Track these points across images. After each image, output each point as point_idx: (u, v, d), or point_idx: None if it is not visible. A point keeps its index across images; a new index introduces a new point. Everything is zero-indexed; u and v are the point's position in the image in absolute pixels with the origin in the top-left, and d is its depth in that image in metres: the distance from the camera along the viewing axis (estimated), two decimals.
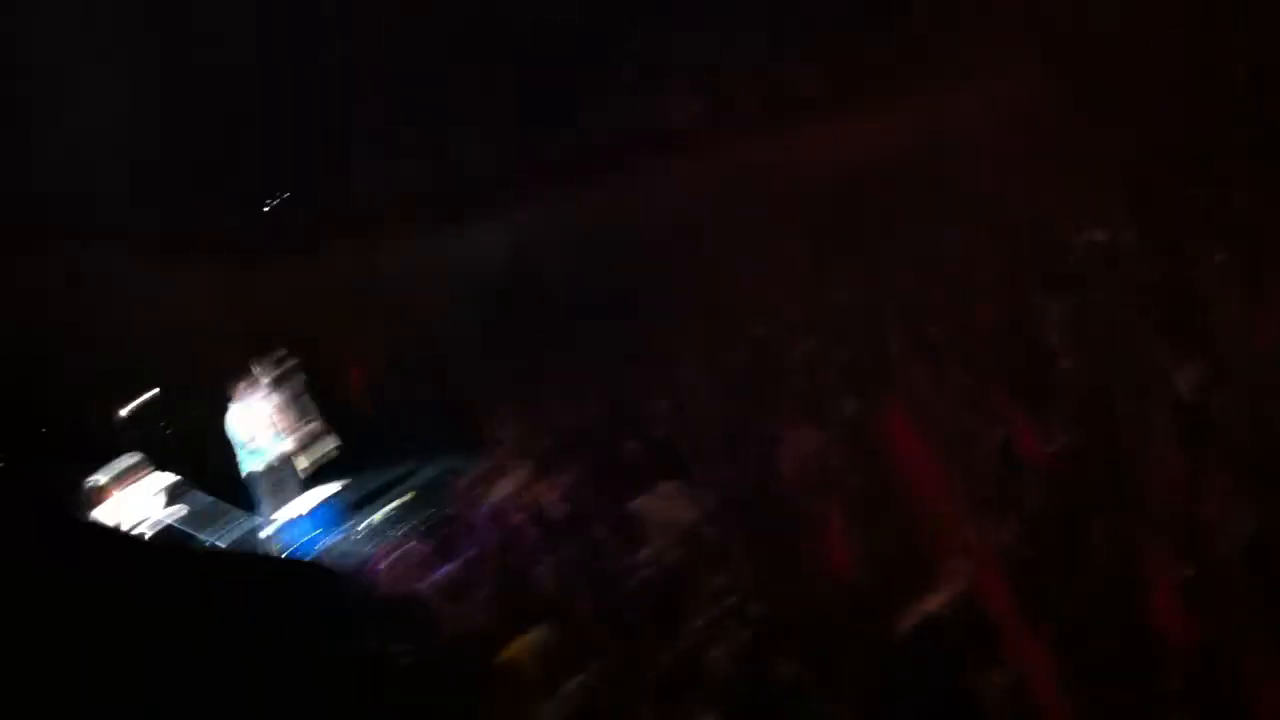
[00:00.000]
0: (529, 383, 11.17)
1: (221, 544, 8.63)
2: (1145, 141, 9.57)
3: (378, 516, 10.92)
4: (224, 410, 10.59)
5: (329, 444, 11.11)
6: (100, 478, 8.46)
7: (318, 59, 13.20)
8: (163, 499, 8.31)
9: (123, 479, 8.49)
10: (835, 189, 11.26)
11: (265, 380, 10.59)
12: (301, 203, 13.58)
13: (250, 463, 10.64)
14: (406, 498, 11.02)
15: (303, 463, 10.61)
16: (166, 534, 8.33)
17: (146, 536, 8.25)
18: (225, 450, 10.66)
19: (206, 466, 11.05)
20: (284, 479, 10.75)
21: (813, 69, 12.65)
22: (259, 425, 10.56)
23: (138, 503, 8.43)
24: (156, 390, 12.09)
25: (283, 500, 10.65)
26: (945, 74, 11.31)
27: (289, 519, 10.52)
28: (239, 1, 12.92)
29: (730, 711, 5.62)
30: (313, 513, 10.54)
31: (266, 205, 13.75)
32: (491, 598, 7.75)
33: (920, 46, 11.74)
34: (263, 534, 10.67)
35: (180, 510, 8.36)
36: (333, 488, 11.46)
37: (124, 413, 12.19)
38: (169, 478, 8.40)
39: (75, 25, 11.85)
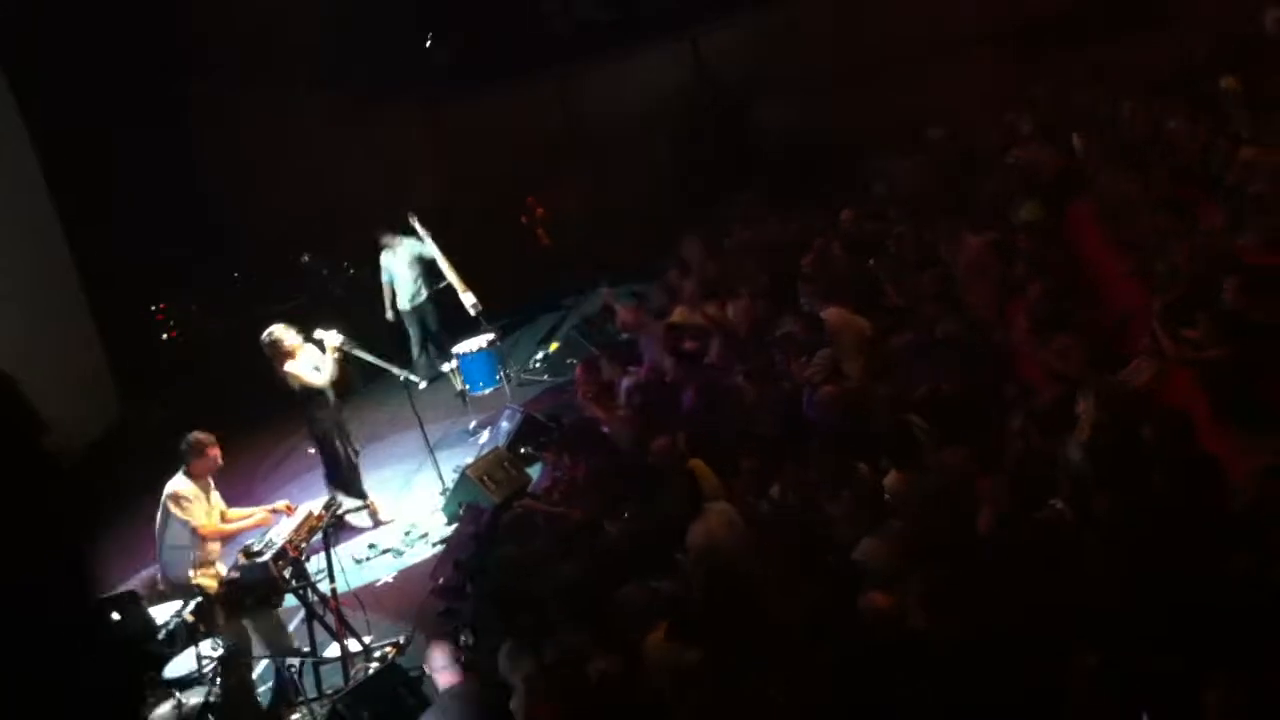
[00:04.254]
0: (709, 208, 11.24)
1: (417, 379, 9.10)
2: None
3: (552, 348, 11.26)
4: (396, 252, 10.98)
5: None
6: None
7: None
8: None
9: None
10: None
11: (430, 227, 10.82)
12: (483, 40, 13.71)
13: (418, 301, 11.05)
14: (575, 326, 11.29)
15: (470, 299, 10.81)
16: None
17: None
18: (398, 290, 11.12)
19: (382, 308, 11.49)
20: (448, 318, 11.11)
21: None
22: (425, 266, 10.90)
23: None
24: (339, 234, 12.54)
25: (456, 339, 11.00)
26: None
27: (465, 354, 10.84)
28: None
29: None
30: (490, 347, 10.83)
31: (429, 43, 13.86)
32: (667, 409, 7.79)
33: None
34: (445, 368, 11.08)
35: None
36: (504, 321, 11.78)
37: (308, 257, 12.74)
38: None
39: None
